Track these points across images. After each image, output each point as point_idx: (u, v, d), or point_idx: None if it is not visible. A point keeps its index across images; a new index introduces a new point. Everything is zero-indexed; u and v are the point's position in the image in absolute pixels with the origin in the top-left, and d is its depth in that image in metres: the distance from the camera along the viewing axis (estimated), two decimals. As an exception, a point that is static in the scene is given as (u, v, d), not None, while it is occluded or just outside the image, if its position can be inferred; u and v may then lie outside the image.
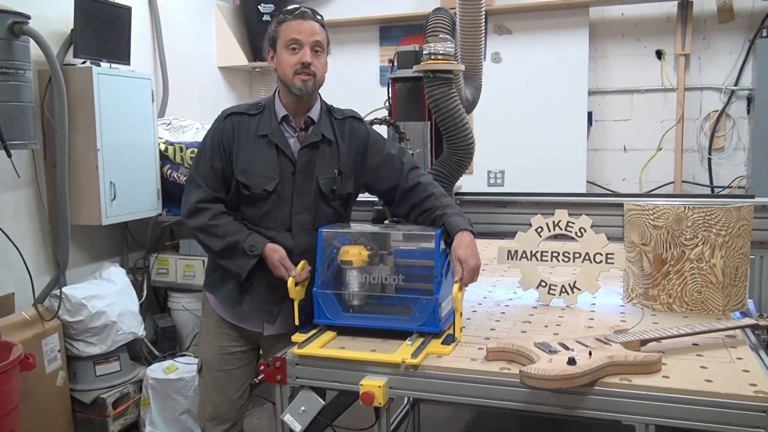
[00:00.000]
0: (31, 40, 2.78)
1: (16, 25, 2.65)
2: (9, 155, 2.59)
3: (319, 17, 2.01)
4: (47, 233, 3.17)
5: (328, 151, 2.02)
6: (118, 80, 3.26)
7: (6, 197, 2.96)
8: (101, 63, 3.22)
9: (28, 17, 2.74)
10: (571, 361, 1.39)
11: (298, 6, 2.00)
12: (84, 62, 3.17)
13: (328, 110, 2.07)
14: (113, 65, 3.29)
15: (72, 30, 3.15)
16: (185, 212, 2.01)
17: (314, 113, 2.02)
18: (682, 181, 4.16)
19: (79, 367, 3.07)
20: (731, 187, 4.12)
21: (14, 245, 2.81)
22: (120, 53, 3.34)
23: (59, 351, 2.95)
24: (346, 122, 2.08)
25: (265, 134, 1.98)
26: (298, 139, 2.00)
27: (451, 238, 1.79)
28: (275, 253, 1.92)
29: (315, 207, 2.01)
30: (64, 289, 2.99)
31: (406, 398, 2.55)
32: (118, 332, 3.10)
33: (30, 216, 3.10)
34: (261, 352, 2.18)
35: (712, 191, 4.15)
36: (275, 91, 2.06)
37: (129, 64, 3.40)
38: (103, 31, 3.23)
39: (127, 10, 3.38)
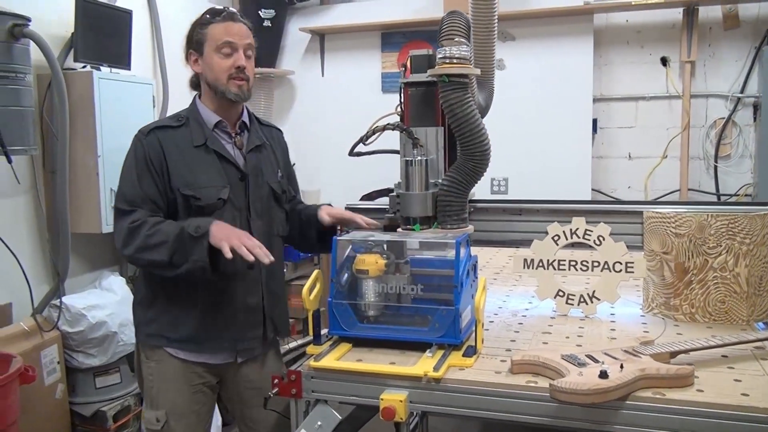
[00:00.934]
0: (31, 43, 2.71)
1: (17, 27, 2.59)
2: (9, 161, 2.53)
3: (245, 19, 1.97)
4: (46, 241, 3.10)
5: (267, 155, 2.03)
6: (119, 85, 3.20)
7: (4, 204, 2.90)
8: (102, 67, 3.16)
9: (29, 20, 2.67)
10: (603, 375, 1.33)
11: (222, 8, 1.94)
12: (84, 66, 3.11)
13: (254, 116, 2.08)
14: (114, 70, 3.24)
15: (72, 34, 3.09)
16: (120, 242, 1.82)
17: (245, 118, 2.02)
18: (688, 189, 4.12)
19: (78, 379, 3.00)
20: (738, 195, 4.09)
21: (12, 254, 2.74)
22: (121, 58, 3.29)
23: (58, 363, 2.87)
24: (272, 130, 2.14)
25: (202, 143, 1.90)
26: (234, 145, 1.97)
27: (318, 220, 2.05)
28: (230, 231, 1.73)
29: (269, 212, 2.00)
30: (63, 299, 2.91)
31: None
32: (119, 343, 3.03)
33: (29, 224, 3.03)
34: (220, 384, 2.08)
35: (719, 199, 4.11)
36: (195, 99, 1.99)
37: (130, 68, 3.35)
38: (103, 35, 3.17)
39: (128, 14, 3.33)
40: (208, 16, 1.93)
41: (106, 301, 3.06)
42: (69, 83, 2.98)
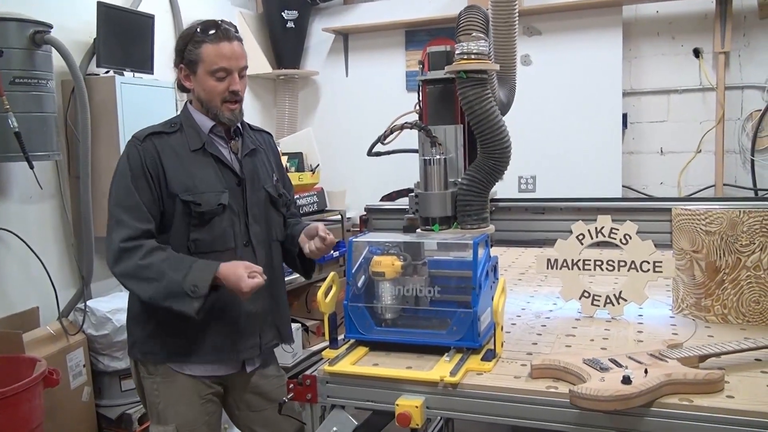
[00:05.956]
0: (53, 49, 2.74)
1: (38, 34, 2.62)
2: (31, 167, 2.55)
3: (238, 33, 1.87)
4: (71, 246, 3.12)
5: (261, 159, 2.00)
6: (142, 89, 3.21)
7: (30, 209, 2.93)
8: (124, 72, 3.18)
9: (51, 26, 2.70)
10: (626, 380, 1.27)
11: (214, 22, 1.83)
12: (107, 71, 3.13)
13: (244, 121, 2.01)
14: (136, 74, 3.25)
15: (95, 39, 3.11)
16: (110, 258, 1.75)
17: (238, 123, 1.96)
18: (724, 184, 3.99)
19: (104, 382, 3.02)
20: (776, 190, 3.95)
21: (38, 258, 2.78)
22: (143, 62, 3.30)
23: (84, 366, 2.89)
24: (263, 134, 2.09)
25: (199, 147, 1.85)
26: (231, 150, 1.92)
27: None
28: (235, 268, 1.74)
29: (266, 216, 1.97)
30: (88, 303, 2.94)
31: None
32: (144, 346, 3.04)
33: (54, 228, 3.06)
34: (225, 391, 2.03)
35: (756, 194, 3.97)
36: (186, 105, 1.93)
37: (152, 72, 3.36)
38: (126, 40, 3.19)
39: (150, 19, 3.34)
40: (200, 32, 1.82)
41: (132, 305, 3.07)
42: (92, 88, 3.01)
